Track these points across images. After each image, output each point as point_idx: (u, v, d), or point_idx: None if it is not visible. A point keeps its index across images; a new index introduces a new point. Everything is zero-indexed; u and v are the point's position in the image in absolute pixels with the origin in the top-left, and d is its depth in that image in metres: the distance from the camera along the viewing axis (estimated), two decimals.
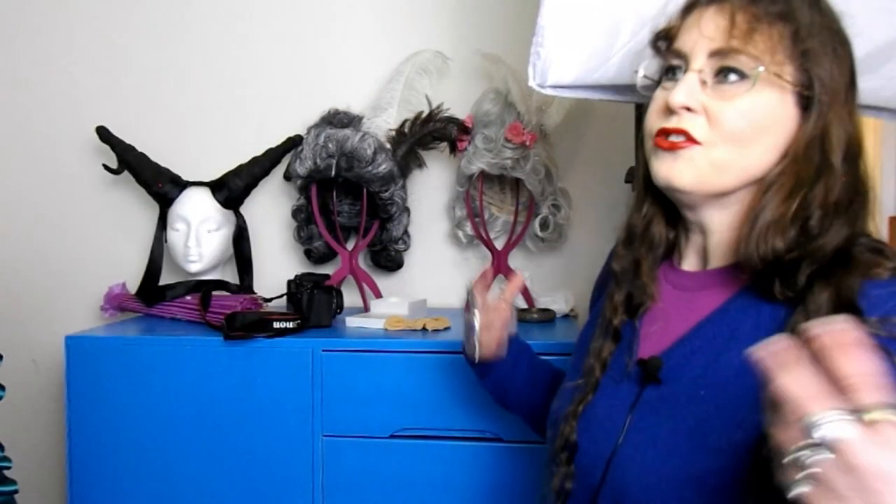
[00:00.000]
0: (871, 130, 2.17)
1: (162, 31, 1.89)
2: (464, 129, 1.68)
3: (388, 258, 1.79)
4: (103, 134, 1.78)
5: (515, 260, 1.78)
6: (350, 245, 1.82)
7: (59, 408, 1.72)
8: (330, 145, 1.63)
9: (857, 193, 0.76)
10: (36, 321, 1.94)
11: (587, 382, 0.84)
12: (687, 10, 0.79)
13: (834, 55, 0.75)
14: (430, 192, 1.84)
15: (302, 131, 1.75)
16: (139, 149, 1.77)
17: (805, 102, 0.75)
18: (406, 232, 1.78)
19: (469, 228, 1.75)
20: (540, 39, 1.05)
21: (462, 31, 1.80)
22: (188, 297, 1.67)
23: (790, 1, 0.74)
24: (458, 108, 1.72)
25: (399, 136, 1.69)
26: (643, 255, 0.85)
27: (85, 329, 1.61)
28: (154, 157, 1.77)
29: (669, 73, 0.79)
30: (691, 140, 0.74)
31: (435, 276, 1.85)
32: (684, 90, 0.74)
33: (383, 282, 1.82)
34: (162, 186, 1.73)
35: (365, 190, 1.68)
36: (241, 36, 1.87)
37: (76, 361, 1.45)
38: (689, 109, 0.74)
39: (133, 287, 1.77)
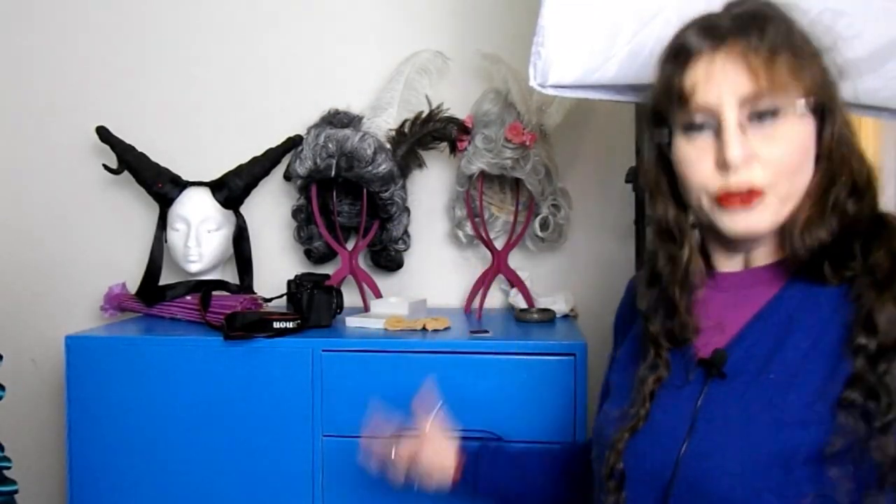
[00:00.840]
0: (872, 130, 2.17)
1: (162, 32, 1.89)
2: (464, 129, 1.68)
3: (388, 258, 1.79)
4: (103, 134, 1.78)
5: (515, 260, 1.78)
6: (350, 245, 1.82)
7: (59, 408, 1.72)
8: (330, 145, 1.63)
9: (871, 171, 0.80)
10: (36, 321, 1.94)
11: (637, 413, 0.83)
12: (686, 59, 0.78)
13: (823, 59, 0.79)
14: (430, 192, 1.84)
15: (302, 131, 1.75)
16: (139, 149, 1.77)
17: (818, 111, 0.78)
18: (406, 232, 1.78)
19: (469, 228, 1.75)
20: (541, 39, 1.06)
21: (462, 31, 1.80)
22: (188, 297, 1.67)
23: (776, 26, 0.77)
24: (458, 108, 1.72)
25: (399, 136, 1.69)
26: (678, 295, 0.84)
27: (85, 329, 1.61)
28: (154, 157, 1.77)
29: (693, 129, 0.79)
30: (753, 191, 0.76)
31: (435, 276, 1.85)
32: (737, 144, 0.75)
33: (383, 282, 1.82)
34: (162, 186, 1.73)
35: (365, 190, 1.68)
36: (242, 36, 1.87)
37: (76, 361, 1.45)
38: (745, 161, 0.76)
39: (133, 287, 1.77)
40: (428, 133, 1.69)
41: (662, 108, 0.81)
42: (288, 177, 1.80)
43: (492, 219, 1.77)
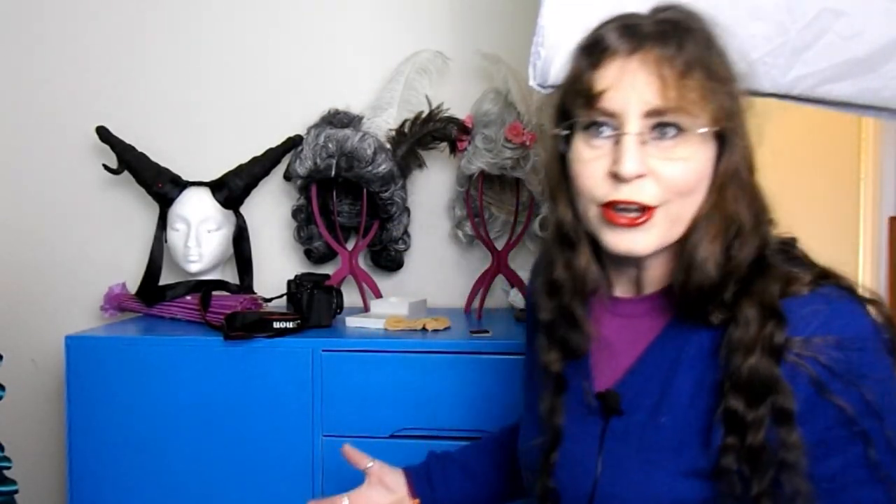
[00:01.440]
0: (872, 130, 2.17)
1: (162, 32, 1.89)
2: (464, 129, 1.68)
3: (388, 258, 1.79)
4: (103, 134, 1.78)
5: (515, 260, 1.78)
6: (350, 245, 1.82)
7: (59, 408, 1.71)
8: (330, 145, 1.63)
9: (761, 207, 0.77)
10: (36, 321, 1.94)
11: (549, 432, 0.84)
12: (600, 56, 0.75)
13: (732, 79, 0.75)
14: (430, 192, 1.84)
15: (302, 131, 1.75)
16: (139, 149, 1.77)
17: (720, 138, 0.75)
18: (406, 232, 1.78)
19: (469, 228, 1.75)
20: (540, 39, 1.06)
21: (462, 31, 1.80)
22: (188, 297, 1.67)
23: (694, 38, 0.74)
24: (458, 108, 1.72)
25: (399, 136, 1.69)
26: (575, 305, 0.81)
27: (85, 329, 1.61)
28: (154, 157, 1.77)
29: (593, 127, 0.75)
30: (645, 209, 0.73)
31: (435, 276, 1.85)
32: (634, 157, 0.71)
33: (383, 282, 1.82)
34: (162, 186, 1.73)
35: (365, 190, 1.68)
36: (242, 36, 1.87)
37: (76, 361, 1.45)
38: (639, 176, 0.72)
39: (133, 287, 1.77)
40: (428, 133, 1.69)
41: (568, 103, 0.77)
42: (288, 177, 1.80)
43: (492, 219, 1.77)
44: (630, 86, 0.72)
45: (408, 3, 1.83)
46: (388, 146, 1.68)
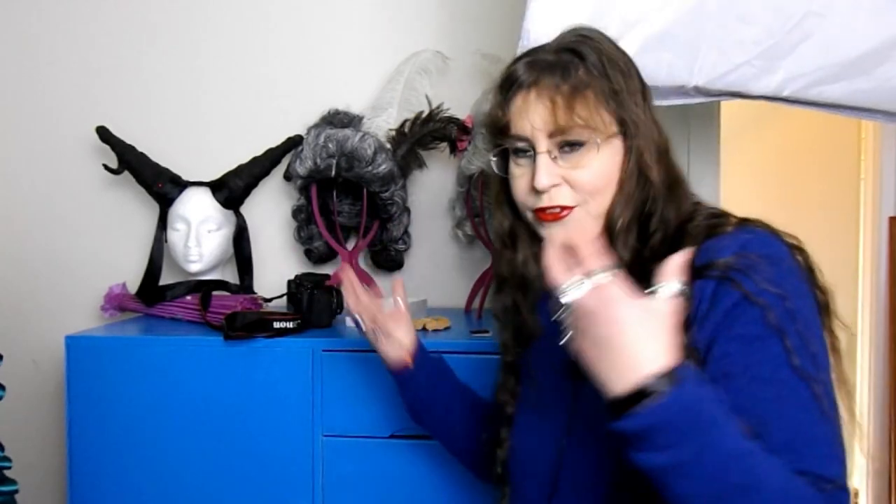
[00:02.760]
0: (871, 130, 2.18)
1: (162, 32, 1.89)
2: (464, 129, 1.68)
3: (389, 258, 1.79)
4: (103, 134, 1.78)
5: None
6: (350, 245, 1.82)
7: (59, 408, 1.72)
8: (330, 145, 1.63)
9: (674, 183, 0.88)
10: (36, 321, 1.94)
11: (503, 417, 0.97)
12: (508, 92, 0.89)
13: (629, 87, 0.86)
14: (430, 192, 1.84)
15: (302, 131, 1.75)
16: (139, 149, 1.78)
17: (624, 136, 0.86)
18: (406, 232, 1.78)
19: (469, 228, 1.75)
20: (525, 43, 1.06)
21: (462, 31, 1.80)
22: (188, 297, 1.67)
23: (586, 62, 0.85)
24: (458, 108, 1.72)
25: (399, 136, 1.69)
26: (520, 298, 0.95)
27: (85, 329, 1.61)
28: (154, 157, 1.77)
29: (518, 151, 0.89)
30: (565, 207, 0.86)
31: (435, 276, 1.85)
32: (545, 173, 0.85)
33: (383, 282, 1.82)
34: (162, 186, 1.73)
35: (365, 190, 1.68)
36: (242, 36, 1.87)
37: (76, 361, 1.45)
38: (553, 185, 0.86)
39: (133, 287, 1.77)
40: (428, 133, 1.69)
41: (491, 132, 0.92)
42: (288, 177, 1.80)
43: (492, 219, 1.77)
44: (532, 113, 0.86)
45: (408, 3, 1.83)
46: (389, 146, 1.68)
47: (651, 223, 0.86)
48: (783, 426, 0.71)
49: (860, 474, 2.23)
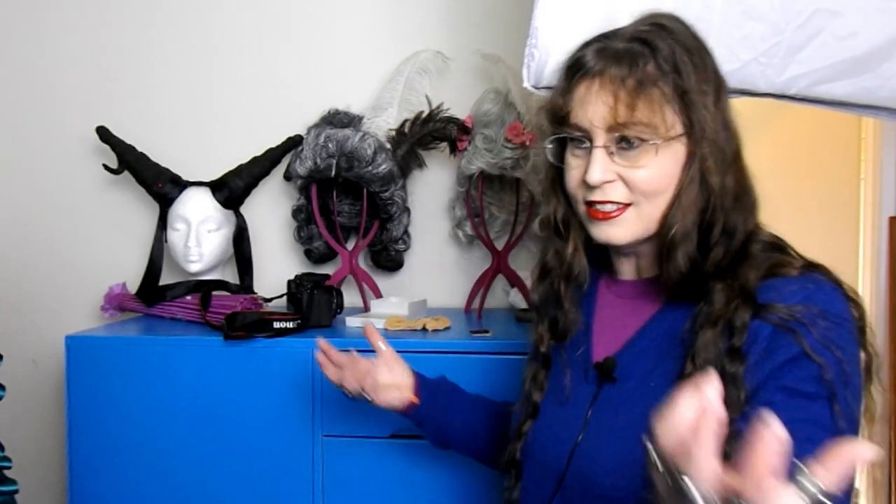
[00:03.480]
0: (872, 130, 2.17)
1: (162, 32, 1.89)
2: (464, 129, 1.68)
3: (388, 258, 1.79)
4: (103, 134, 1.78)
5: (515, 260, 1.78)
6: (350, 245, 1.82)
7: (59, 408, 1.72)
8: (330, 145, 1.63)
9: (743, 193, 0.84)
10: (36, 321, 1.94)
11: (527, 405, 0.93)
12: (572, 79, 0.85)
13: (700, 85, 0.82)
14: (430, 192, 1.84)
15: (302, 131, 1.75)
16: (139, 149, 1.78)
17: (689, 138, 0.82)
18: (406, 232, 1.78)
19: (469, 228, 1.75)
20: (534, 41, 1.06)
21: (462, 31, 1.80)
22: (188, 297, 1.67)
23: (657, 54, 0.81)
24: (458, 108, 1.72)
25: (399, 136, 1.69)
26: (562, 287, 0.92)
27: (85, 329, 1.61)
28: (154, 157, 1.77)
29: (575, 141, 0.86)
30: (619, 205, 0.83)
31: (435, 276, 1.85)
32: (599, 168, 0.82)
33: (383, 282, 1.82)
34: (162, 186, 1.73)
35: (365, 190, 1.68)
36: (242, 36, 1.87)
37: (76, 361, 1.45)
38: (606, 181, 0.83)
39: (133, 287, 1.77)
40: (428, 133, 1.69)
41: (550, 118, 0.88)
42: (288, 177, 1.80)
43: (492, 219, 1.77)
44: (593, 105, 0.82)
45: (408, 3, 1.83)
46: (388, 146, 1.68)
47: (712, 234, 0.82)
48: None
49: (860, 474, 2.23)
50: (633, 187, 0.82)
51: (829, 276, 0.81)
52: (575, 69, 0.85)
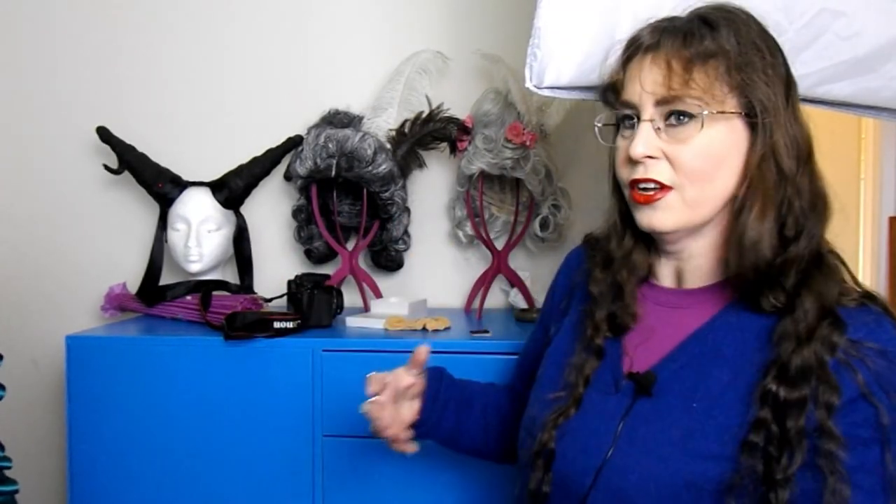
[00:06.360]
0: (872, 130, 2.17)
1: (162, 32, 1.89)
2: (464, 129, 1.68)
3: (389, 258, 1.79)
4: (103, 134, 1.78)
5: (515, 260, 1.78)
6: (350, 245, 1.82)
7: (59, 408, 1.72)
8: (330, 145, 1.63)
9: (818, 195, 0.82)
10: (36, 321, 1.94)
11: (570, 395, 0.87)
12: (628, 57, 0.85)
13: (765, 70, 0.80)
14: (430, 192, 1.84)
15: (302, 131, 1.75)
16: (139, 149, 1.77)
17: (752, 122, 0.80)
18: (406, 232, 1.78)
19: (469, 228, 1.75)
20: (536, 41, 1.06)
21: (462, 31, 1.80)
22: (188, 297, 1.67)
23: (717, 34, 0.79)
24: (458, 108, 1.72)
25: (399, 137, 1.69)
26: (625, 278, 0.90)
27: (85, 329, 1.61)
28: (154, 157, 1.77)
29: (625, 120, 0.85)
30: (662, 187, 0.81)
31: (435, 276, 1.85)
32: (642, 141, 0.80)
33: (383, 282, 1.82)
34: (162, 186, 1.73)
35: (365, 190, 1.68)
36: (242, 36, 1.87)
37: (76, 361, 1.45)
38: (650, 157, 0.81)
39: (133, 287, 1.77)
40: (428, 133, 1.69)
41: (606, 96, 0.88)
42: (288, 177, 1.80)
43: (492, 219, 1.77)
44: (645, 76, 0.81)
45: (408, 3, 1.83)
46: (389, 146, 1.68)
47: (787, 226, 0.79)
48: None
49: None
50: (677, 166, 0.80)
51: (886, 308, 0.80)
52: (630, 47, 0.84)
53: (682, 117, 0.79)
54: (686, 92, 0.78)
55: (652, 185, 0.81)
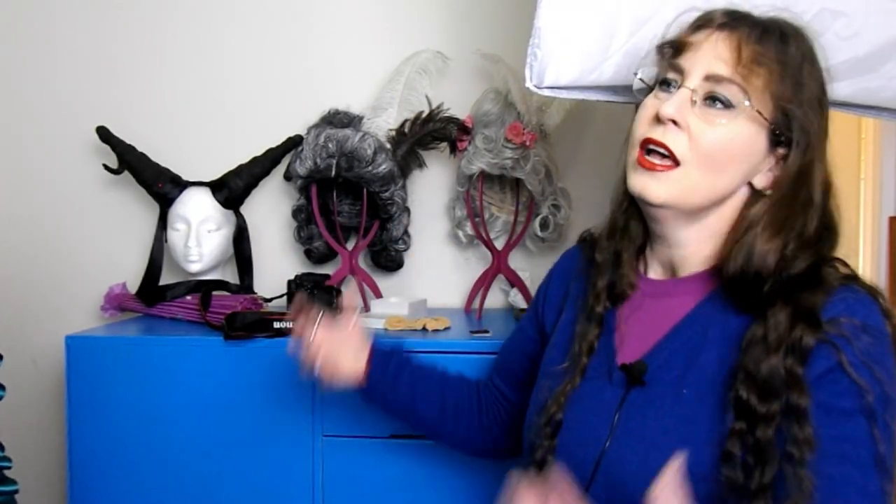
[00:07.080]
0: (872, 130, 2.17)
1: (162, 32, 1.89)
2: (464, 129, 1.68)
3: (389, 258, 1.79)
4: (103, 134, 1.78)
5: (515, 260, 1.78)
6: (350, 245, 1.82)
7: (59, 408, 1.71)
8: (330, 145, 1.63)
9: (826, 228, 0.83)
10: (36, 321, 1.94)
11: (575, 365, 0.90)
12: (698, 26, 0.84)
13: (818, 105, 0.82)
14: (430, 192, 1.84)
15: (302, 131, 1.75)
16: (139, 149, 1.77)
17: (776, 140, 0.81)
18: (406, 232, 1.78)
19: (469, 228, 1.75)
20: (537, 41, 1.06)
21: (462, 31, 1.80)
22: (188, 297, 1.67)
23: (787, 47, 0.81)
24: (458, 108, 1.72)
25: (399, 136, 1.69)
26: (624, 246, 0.91)
27: (85, 329, 1.61)
28: (154, 157, 1.77)
29: (664, 84, 0.84)
30: (671, 160, 0.81)
31: (435, 276, 1.85)
32: (675, 104, 0.80)
33: (383, 282, 1.82)
34: (162, 186, 1.73)
35: (365, 190, 1.68)
36: (242, 36, 1.87)
37: (76, 361, 1.45)
38: (675, 123, 0.80)
39: (133, 287, 1.77)
40: (428, 133, 1.69)
41: (658, 51, 0.86)
42: (288, 177, 1.80)
43: (492, 219, 1.77)
44: (708, 49, 0.80)
45: (408, 3, 1.83)
46: (388, 146, 1.68)
47: (789, 246, 0.81)
48: None
49: None
50: (695, 143, 0.80)
51: (867, 287, 0.80)
52: (701, 22, 0.84)
53: (719, 102, 0.80)
54: (739, 81, 0.78)
55: (661, 153, 0.81)
